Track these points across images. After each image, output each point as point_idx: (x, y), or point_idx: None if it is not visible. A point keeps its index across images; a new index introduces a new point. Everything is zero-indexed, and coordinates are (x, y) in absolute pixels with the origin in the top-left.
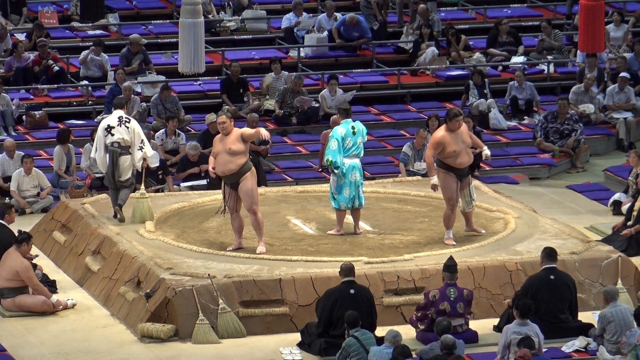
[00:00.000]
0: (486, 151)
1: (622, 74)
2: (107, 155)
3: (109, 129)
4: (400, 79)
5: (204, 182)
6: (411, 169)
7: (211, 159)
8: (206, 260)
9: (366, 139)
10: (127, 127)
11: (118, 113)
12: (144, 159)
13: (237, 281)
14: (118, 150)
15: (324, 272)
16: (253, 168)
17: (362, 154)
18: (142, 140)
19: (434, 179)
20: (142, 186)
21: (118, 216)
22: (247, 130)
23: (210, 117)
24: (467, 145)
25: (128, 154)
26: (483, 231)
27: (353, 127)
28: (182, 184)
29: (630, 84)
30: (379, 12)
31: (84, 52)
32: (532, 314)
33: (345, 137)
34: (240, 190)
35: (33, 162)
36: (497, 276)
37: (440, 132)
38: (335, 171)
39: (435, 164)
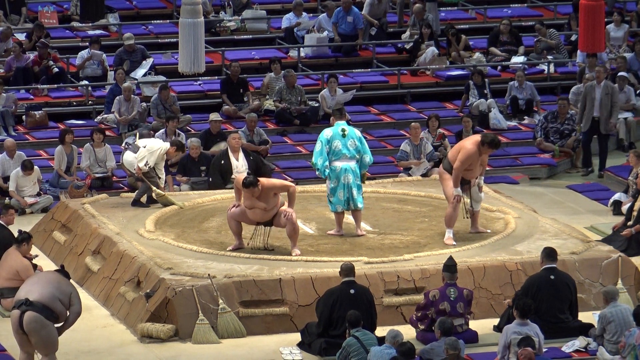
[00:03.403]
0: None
1: (621, 74)
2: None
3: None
4: (400, 79)
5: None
6: (411, 166)
7: (240, 205)
8: (206, 260)
9: (364, 142)
10: (152, 139)
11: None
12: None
13: (237, 281)
14: (125, 145)
15: (324, 272)
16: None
17: (358, 156)
18: (140, 152)
19: (458, 190)
20: (154, 188)
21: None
22: (276, 186)
23: (213, 116)
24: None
25: (132, 152)
26: (488, 230)
27: (343, 130)
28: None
29: (630, 84)
30: (374, 19)
31: (81, 54)
32: (532, 314)
33: (332, 139)
34: (280, 223)
35: (33, 169)
36: (497, 276)
37: (472, 146)
38: (316, 172)
39: (442, 165)
